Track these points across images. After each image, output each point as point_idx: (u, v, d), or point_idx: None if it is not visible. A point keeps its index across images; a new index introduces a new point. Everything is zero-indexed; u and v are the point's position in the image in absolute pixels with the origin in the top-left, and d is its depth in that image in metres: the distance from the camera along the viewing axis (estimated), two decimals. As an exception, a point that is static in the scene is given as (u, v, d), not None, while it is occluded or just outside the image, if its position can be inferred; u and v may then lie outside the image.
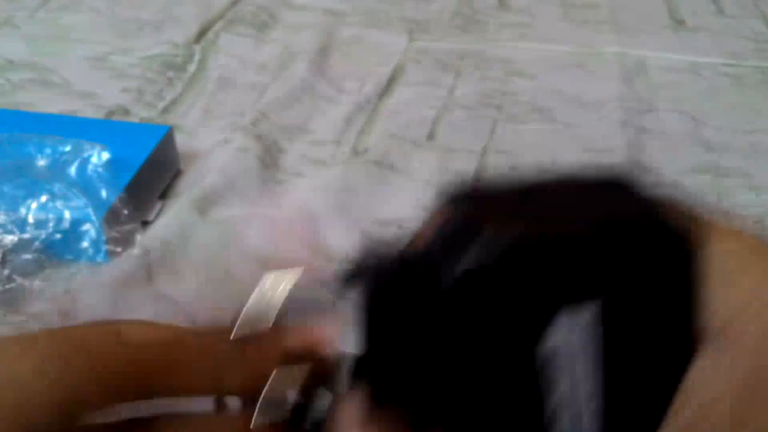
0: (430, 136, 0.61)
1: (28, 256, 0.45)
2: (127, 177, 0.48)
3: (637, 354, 0.19)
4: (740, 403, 0.19)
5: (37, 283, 0.44)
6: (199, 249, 0.48)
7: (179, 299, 0.44)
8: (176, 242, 0.48)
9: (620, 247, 0.19)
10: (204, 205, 0.52)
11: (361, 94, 0.66)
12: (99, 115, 0.62)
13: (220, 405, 0.24)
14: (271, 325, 0.24)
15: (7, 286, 0.43)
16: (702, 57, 0.72)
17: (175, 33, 0.75)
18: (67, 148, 0.49)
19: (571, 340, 0.19)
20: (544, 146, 0.59)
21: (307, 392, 0.23)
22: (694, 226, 0.20)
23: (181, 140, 0.57)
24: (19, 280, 0.43)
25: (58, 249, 0.46)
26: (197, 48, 0.72)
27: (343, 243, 0.49)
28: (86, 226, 0.46)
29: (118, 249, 0.46)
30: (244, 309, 0.24)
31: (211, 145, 0.58)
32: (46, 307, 0.43)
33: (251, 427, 0.22)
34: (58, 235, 0.45)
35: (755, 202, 0.54)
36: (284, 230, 0.50)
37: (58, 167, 0.48)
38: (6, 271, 0.43)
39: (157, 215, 0.51)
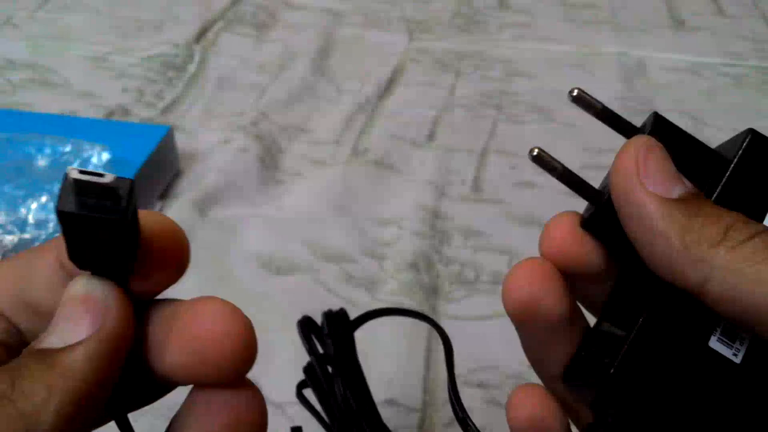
0: (430, 136, 0.61)
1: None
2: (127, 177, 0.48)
3: None
4: None
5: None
6: (199, 249, 0.48)
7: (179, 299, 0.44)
8: (176, 242, 0.48)
9: None
10: (204, 205, 0.52)
11: (361, 94, 0.66)
12: (99, 115, 0.62)
13: None
14: None
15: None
16: (702, 57, 0.72)
17: (175, 33, 0.75)
18: (67, 148, 0.49)
19: None
20: (544, 146, 0.59)
21: None
22: None
23: (181, 140, 0.57)
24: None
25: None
26: (197, 48, 0.72)
27: (343, 243, 0.49)
28: (86, 226, 0.46)
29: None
30: None
31: (211, 145, 0.58)
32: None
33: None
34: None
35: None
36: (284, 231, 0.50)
37: (58, 167, 0.48)
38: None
39: (157, 215, 0.51)
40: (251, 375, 0.18)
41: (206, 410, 0.18)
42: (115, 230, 0.16)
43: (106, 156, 0.49)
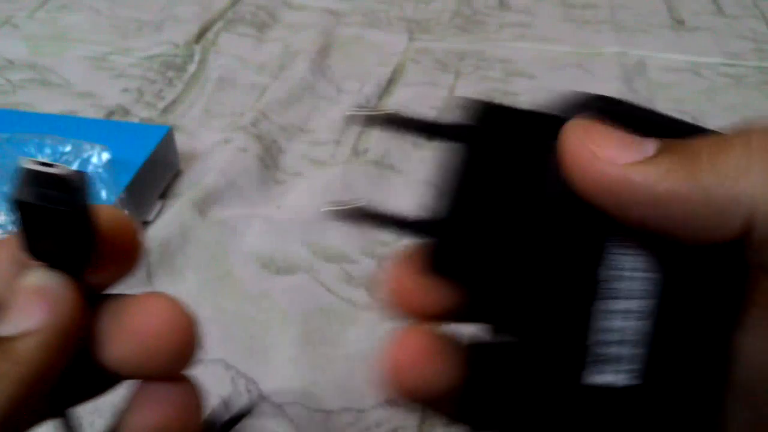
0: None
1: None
2: (127, 177, 0.48)
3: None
4: None
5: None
6: (199, 249, 0.49)
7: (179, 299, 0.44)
8: (176, 242, 0.48)
9: None
10: (204, 205, 0.52)
11: (361, 94, 0.66)
12: (99, 115, 0.62)
13: None
14: None
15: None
16: (702, 57, 0.72)
17: (175, 33, 0.75)
18: (67, 148, 0.49)
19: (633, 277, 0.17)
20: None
21: None
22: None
23: (181, 140, 0.57)
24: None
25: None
26: (197, 48, 0.72)
27: (343, 243, 0.49)
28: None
29: (118, 249, 0.46)
30: None
31: (211, 145, 0.58)
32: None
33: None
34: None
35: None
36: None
37: (58, 167, 0.48)
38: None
39: (157, 215, 0.51)
40: (251, 374, 0.18)
41: (143, 404, 0.19)
42: (67, 222, 0.16)
43: (106, 156, 0.49)
